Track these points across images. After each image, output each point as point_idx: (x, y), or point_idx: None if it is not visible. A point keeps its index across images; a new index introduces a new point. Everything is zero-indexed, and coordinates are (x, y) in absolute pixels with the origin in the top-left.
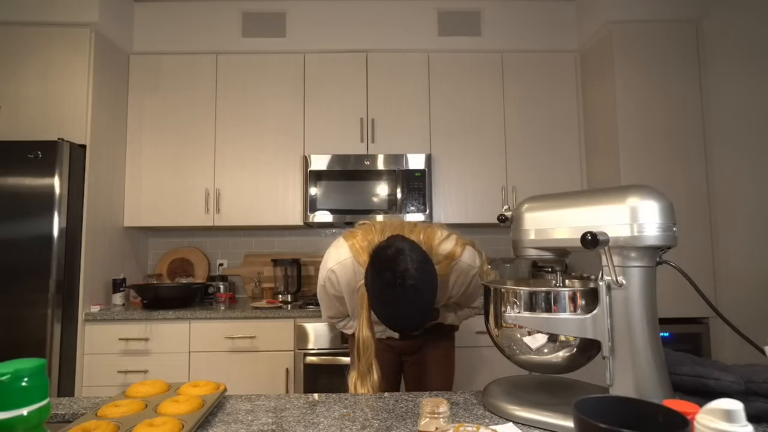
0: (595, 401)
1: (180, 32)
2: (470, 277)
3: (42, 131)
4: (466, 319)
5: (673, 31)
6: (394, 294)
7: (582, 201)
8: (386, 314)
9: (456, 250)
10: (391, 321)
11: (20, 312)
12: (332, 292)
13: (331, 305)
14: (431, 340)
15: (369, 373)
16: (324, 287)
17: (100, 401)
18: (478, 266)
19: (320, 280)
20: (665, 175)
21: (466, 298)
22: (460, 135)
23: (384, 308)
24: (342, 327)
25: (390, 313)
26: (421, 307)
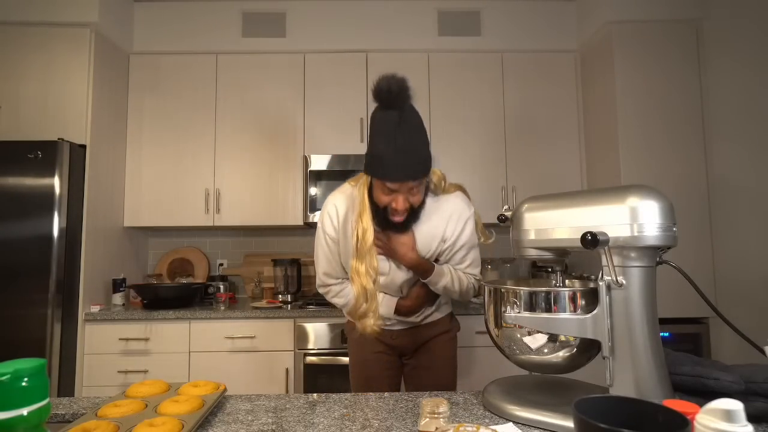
0: (595, 401)
1: (180, 32)
2: (464, 219)
3: (42, 131)
4: (466, 295)
5: (673, 31)
6: (396, 129)
7: (582, 201)
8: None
9: (450, 188)
10: (389, 162)
11: (20, 312)
12: (331, 234)
13: (329, 257)
14: (432, 339)
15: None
16: (323, 230)
17: (100, 401)
18: (472, 212)
19: (319, 224)
20: (665, 174)
21: (460, 253)
22: (460, 135)
23: (386, 145)
24: (336, 294)
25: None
26: (418, 149)
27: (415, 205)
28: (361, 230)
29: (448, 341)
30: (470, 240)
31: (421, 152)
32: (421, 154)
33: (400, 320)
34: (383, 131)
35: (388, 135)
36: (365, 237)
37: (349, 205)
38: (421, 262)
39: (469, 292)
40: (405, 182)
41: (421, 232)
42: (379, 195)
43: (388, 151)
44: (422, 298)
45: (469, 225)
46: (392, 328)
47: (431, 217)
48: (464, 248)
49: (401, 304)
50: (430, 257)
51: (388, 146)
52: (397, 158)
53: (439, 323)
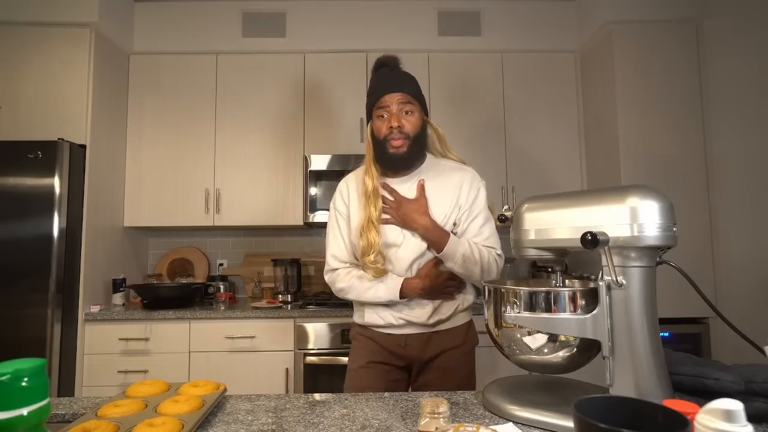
0: (595, 401)
1: (180, 32)
2: (476, 187)
3: (42, 131)
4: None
5: (673, 31)
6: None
7: (582, 201)
8: (378, 79)
9: (455, 155)
10: (380, 82)
11: (20, 312)
12: (341, 210)
13: (338, 237)
14: (444, 352)
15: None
16: (334, 208)
17: (100, 401)
18: (484, 184)
19: (331, 204)
20: (665, 175)
21: (478, 221)
22: (460, 135)
23: (378, 76)
24: (341, 279)
25: (381, 76)
26: (408, 75)
27: (411, 130)
28: (366, 185)
29: (463, 356)
30: (486, 211)
31: (411, 77)
32: (411, 77)
33: (409, 321)
34: (375, 76)
35: (380, 73)
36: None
37: (360, 181)
38: (435, 227)
39: (492, 270)
40: (395, 93)
41: (434, 194)
42: (377, 126)
43: (380, 77)
44: (433, 277)
45: (483, 193)
46: (401, 332)
47: (442, 178)
48: (480, 216)
49: (409, 283)
50: (443, 225)
51: (379, 76)
52: (387, 78)
53: (454, 333)
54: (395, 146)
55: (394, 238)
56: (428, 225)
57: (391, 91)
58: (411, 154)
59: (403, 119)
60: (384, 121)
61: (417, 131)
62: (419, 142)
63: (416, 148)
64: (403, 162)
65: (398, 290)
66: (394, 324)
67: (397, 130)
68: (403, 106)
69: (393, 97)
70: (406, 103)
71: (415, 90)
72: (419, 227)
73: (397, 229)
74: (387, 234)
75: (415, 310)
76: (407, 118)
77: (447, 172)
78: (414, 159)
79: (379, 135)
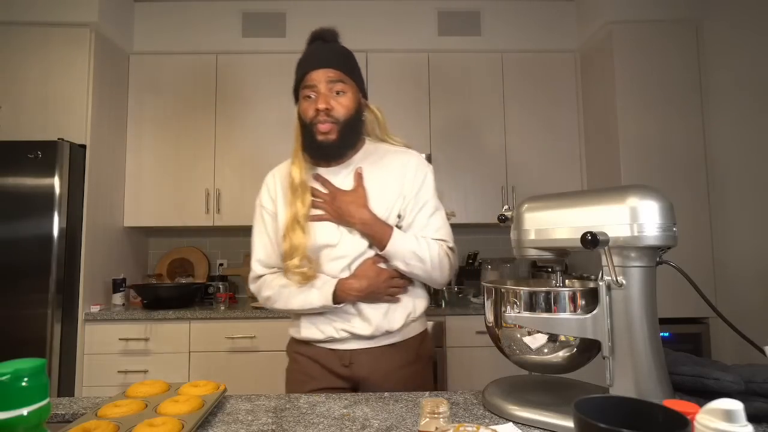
0: (595, 401)
1: (180, 32)
2: (422, 173)
3: (42, 131)
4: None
5: (673, 31)
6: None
7: (582, 201)
8: (305, 55)
9: (398, 140)
10: (307, 57)
11: (20, 312)
12: (267, 207)
13: (265, 239)
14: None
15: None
16: (259, 204)
17: (100, 401)
18: (431, 169)
19: (257, 201)
20: (665, 175)
21: (425, 211)
22: (460, 135)
23: (306, 51)
24: (267, 285)
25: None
26: (339, 47)
27: (342, 114)
28: (292, 176)
29: (416, 375)
30: (434, 199)
31: (345, 52)
32: (345, 52)
33: (353, 333)
34: (305, 50)
35: (311, 46)
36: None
37: (286, 173)
38: (376, 221)
39: (445, 267)
40: (324, 69)
41: (374, 184)
42: (303, 108)
43: (309, 51)
44: (372, 276)
45: (431, 179)
46: (344, 347)
47: (382, 164)
48: (428, 206)
49: (343, 284)
50: (386, 218)
51: (309, 50)
52: (316, 52)
53: (406, 347)
54: (323, 131)
55: (328, 236)
56: (367, 218)
57: (318, 67)
58: (342, 141)
59: (332, 100)
60: (311, 102)
61: (349, 115)
62: (352, 127)
63: (348, 134)
64: (334, 150)
65: (332, 293)
66: (336, 338)
67: (325, 112)
68: (333, 85)
69: (321, 74)
70: (337, 81)
71: (347, 66)
72: (357, 221)
73: (332, 227)
74: (320, 233)
75: (358, 320)
76: (338, 99)
77: (388, 158)
78: (346, 146)
79: (305, 118)
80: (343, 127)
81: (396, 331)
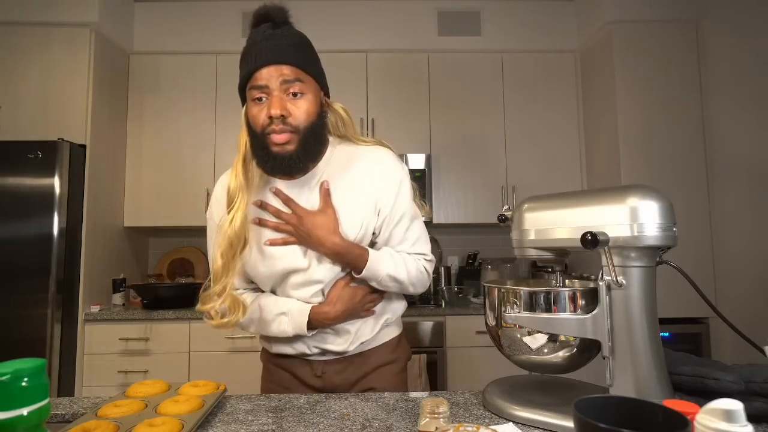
0: (595, 401)
1: (180, 32)
2: (397, 180)
3: (42, 131)
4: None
5: (673, 31)
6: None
7: (582, 201)
8: (251, 47)
9: (368, 140)
10: (254, 51)
11: (20, 312)
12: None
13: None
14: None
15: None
16: (211, 219)
17: (100, 401)
18: (406, 172)
19: (207, 213)
20: (665, 175)
21: (401, 226)
22: (460, 135)
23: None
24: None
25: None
26: (295, 37)
27: (302, 120)
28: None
29: (395, 376)
30: (411, 207)
31: (302, 40)
32: (302, 41)
33: (327, 350)
34: (251, 37)
35: (258, 33)
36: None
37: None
38: (348, 248)
39: (421, 281)
40: (275, 65)
41: (344, 199)
42: (253, 113)
43: (256, 41)
44: (347, 299)
45: (406, 187)
46: (315, 358)
47: (352, 174)
48: (405, 218)
49: (317, 313)
50: (361, 240)
51: (256, 39)
52: (265, 44)
53: (382, 350)
54: (278, 142)
55: (296, 260)
56: (340, 247)
57: (269, 63)
58: (303, 153)
59: (289, 104)
60: (262, 107)
61: (310, 121)
62: (315, 134)
63: (311, 144)
64: (294, 163)
65: (305, 323)
66: (308, 353)
67: (280, 120)
68: (289, 85)
69: (273, 72)
70: (293, 81)
71: (306, 60)
72: (328, 251)
73: (299, 249)
74: (287, 256)
75: (332, 336)
76: (295, 102)
77: (357, 162)
78: (308, 158)
79: (255, 125)
80: (303, 136)
81: (371, 339)
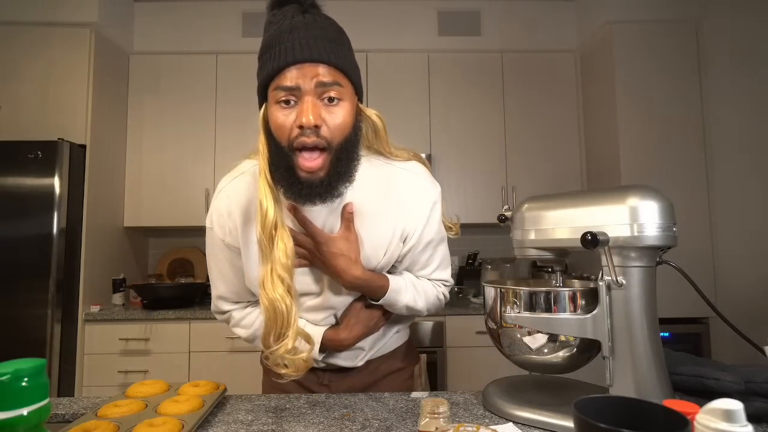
0: (595, 401)
1: (180, 32)
2: (430, 203)
3: (42, 131)
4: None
5: (673, 31)
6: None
7: (582, 201)
8: (276, 39)
9: (401, 153)
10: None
11: (20, 312)
12: (225, 239)
13: (226, 274)
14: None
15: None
16: (213, 234)
17: (100, 401)
18: (439, 192)
19: (207, 224)
20: (665, 175)
21: (426, 253)
22: (460, 135)
23: (276, 33)
24: (238, 323)
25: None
26: (328, 28)
27: (338, 134)
28: (262, 213)
29: (402, 383)
30: (439, 232)
31: (334, 28)
32: (335, 29)
33: (332, 363)
34: (274, 23)
35: (285, 14)
36: (266, 220)
37: (252, 192)
38: (368, 281)
39: (437, 307)
40: (310, 64)
41: (368, 225)
42: (277, 120)
43: (284, 30)
44: (364, 322)
45: (437, 210)
46: (323, 369)
47: (379, 196)
48: (431, 246)
49: (331, 338)
50: (383, 267)
51: (284, 27)
52: (295, 35)
53: (391, 357)
54: (308, 169)
55: (307, 285)
56: (360, 280)
57: (303, 60)
58: (336, 178)
59: (323, 112)
60: (289, 112)
61: (345, 135)
62: (347, 151)
63: (344, 166)
64: (323, 190)
65: (317, 347)
66: (315, 366)
67: (313, 131)
68: (326, 89)
69: (307, 71)
70: (331, 84)
71: (346, 59)
72: (347, 283)
73: (312, 273)
74: (298, 279)
75: (344, 354)
76: (330, 110)
77: (387, 185)
78: (340, 184)
79: (279, 136)
80: (336, 157)
81: (375, 351)
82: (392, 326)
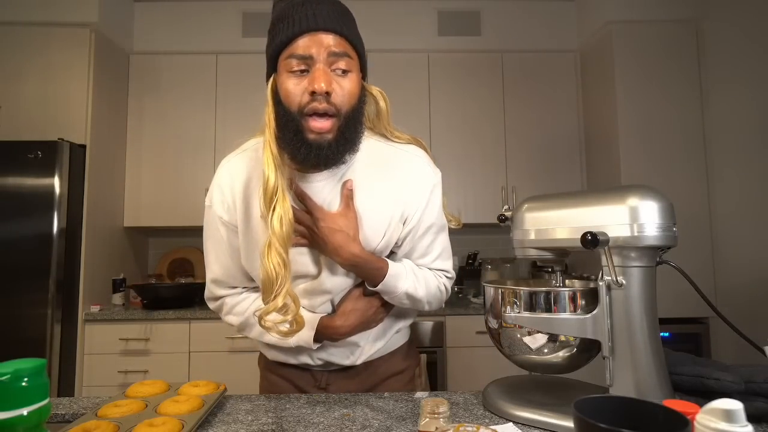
0: (595, 401)
1: (180, 32)
2: (430, 186)
3: (42, 131)
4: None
5: (673, 31)
6: None
7: (582, 201)
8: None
9: (402, 135)
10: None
11: (20, 312)
12: (223, 216)
13: (222, 255)
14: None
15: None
16: (212, 211)
17: (100, 401)
18: (439, 178)
19: (207, 201)
20: (665, 175)
21: (426, 238)
22: (460, 135)
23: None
24: (230, 310)
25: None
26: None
27: (346, 101)
28: (264, 181)
29: (403, 386)
30: (439, 218)
31: (344, 8)
32: (345, 9)
33: (329, 361)
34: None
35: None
36: (267, 186)
37: (254, 168)
38: (366, 260)
39: (437, 300)
40: (322, 32)
41: (368, 204)
42: (288, 88)
43: (293, 5)
44: (360, 312)
45: (437, 195)
46: (319, 369)
47: (381, 176)
48: (432, 231)
49: (327, 327)
50: (382, 250)
51: (291, 4)
52: (307, 6)
53: (392, 359)
54: (318, 130)
55: (305, 266)
56: (358, 258)
57: (316, 29)
58: (342, 143)
59: (334, 81)
60: (301, 80)
61: (352, 104)
62: (354, 120)
63: (351, 133)
64: (331, 154)
65: (312, 336)
66: (312, 364)
67: (324, 98)
68: (337, 59)
69: (320, 40)
70: (342, 55)
71: (354, 33)
72: (344, 260)
73: (310, 253)
74: (296, 260)
75: (339, 349)
76: (340, 80)
77: (387, 165)
78: (347, 149)
79: (289, 103)
80: (344, 122)
81: (375, 350)
82: (393, 325)
